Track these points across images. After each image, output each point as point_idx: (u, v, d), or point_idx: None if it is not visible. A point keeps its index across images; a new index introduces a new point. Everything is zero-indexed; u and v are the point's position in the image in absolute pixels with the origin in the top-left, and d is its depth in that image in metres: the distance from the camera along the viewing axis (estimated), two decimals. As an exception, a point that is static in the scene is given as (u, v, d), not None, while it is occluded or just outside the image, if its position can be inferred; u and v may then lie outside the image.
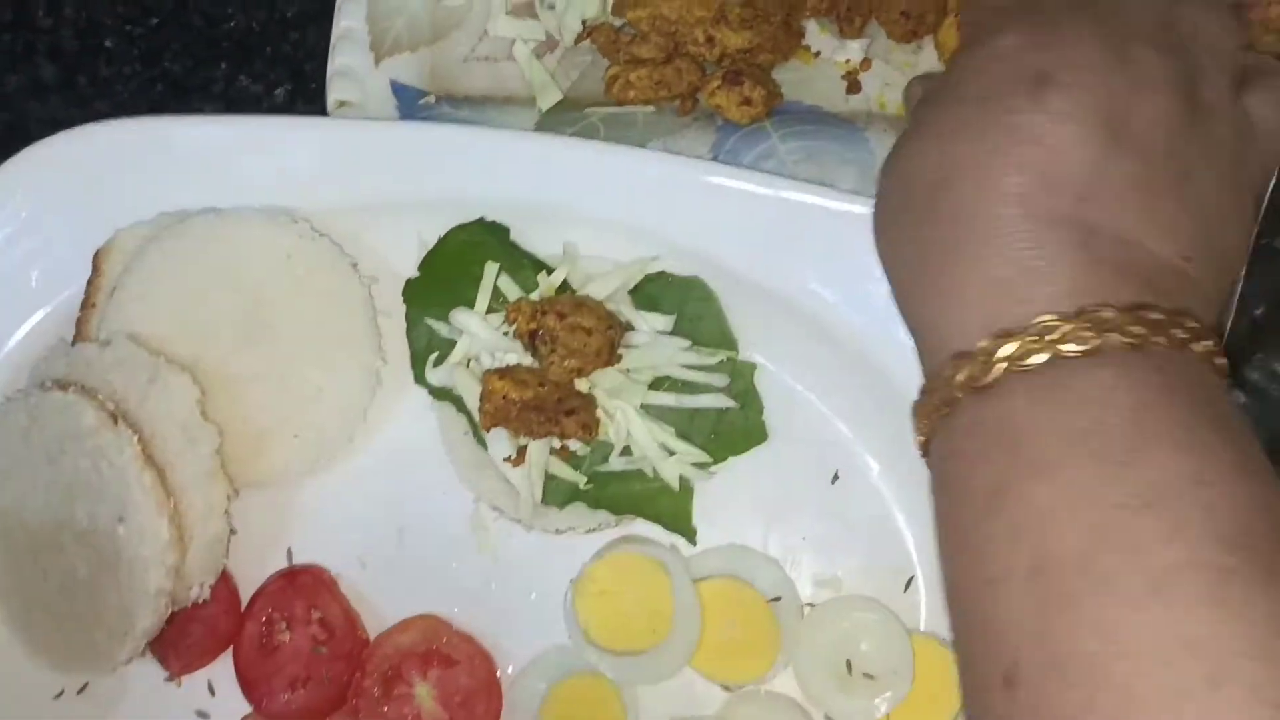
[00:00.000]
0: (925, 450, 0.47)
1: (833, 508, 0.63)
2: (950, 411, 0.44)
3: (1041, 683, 0.39)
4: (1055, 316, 0.42)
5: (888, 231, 0.50)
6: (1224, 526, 0.38)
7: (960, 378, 0.43)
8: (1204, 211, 0.46)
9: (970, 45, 0.49)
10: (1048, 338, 0.42)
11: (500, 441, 0.62)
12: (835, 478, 0.63)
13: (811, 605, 0.63)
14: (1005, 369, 0.42)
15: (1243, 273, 0.62)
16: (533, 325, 0.61)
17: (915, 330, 0.48)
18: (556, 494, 0.62)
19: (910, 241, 0.48)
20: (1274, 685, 0.36)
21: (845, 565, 0.63)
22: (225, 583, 0.64)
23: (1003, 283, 0.44)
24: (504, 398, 0.59)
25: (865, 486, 0.63)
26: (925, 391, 0.46)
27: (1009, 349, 0.42)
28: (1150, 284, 0.44)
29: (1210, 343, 0.43)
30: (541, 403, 0.59)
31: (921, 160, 0.48)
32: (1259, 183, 0.51)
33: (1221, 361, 0.44)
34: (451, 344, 0.64)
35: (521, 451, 0.62)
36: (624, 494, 0.62)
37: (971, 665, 0.42)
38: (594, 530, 0.64)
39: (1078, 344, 0.42)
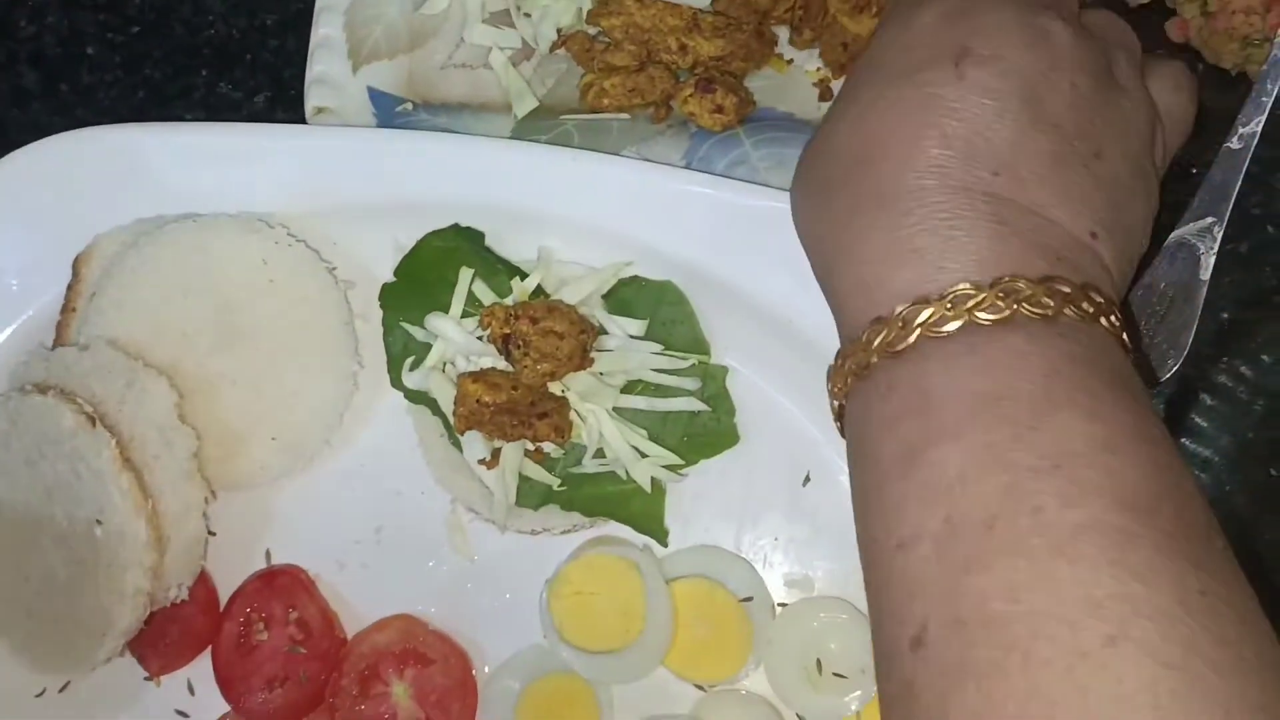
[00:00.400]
0: (839, 415, 0.48)
1: (804, 509, 0.64)
2: (865, 375, 0.45)
3: (948, 643, 0.40)
4: (970, 285, 0.43)
5: (809, 205, 0.51)
6: (1128, 491, 0.40)
7: (876, 342, 0.44)
8: (1113, 189, 0.48)
9: (890, 21, 0.51)
10: (963, 305, 0.43)
11: (475, 444, 0.63)
12: (806, 479, 0.64)
13: (783, 605, 0.63)
14: (920, 334, 0.43)
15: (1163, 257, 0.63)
16: (506, 330, 0.61)
17: (834, 300, 0.49)
18: (530, 496, 0.63)
19: (831, 214, 0.49)
20: (1168, 644, 0.37)
21: (816, 566, 0.64)
22: (203, 583, 0.65)
23: (921, 251, 0.45)
24: (478, 401, 0.60)
25: (836, 488, 0.63)
26: (841, 355, 0.47)
27: (925, 314, 0.43)
28: (1061, 258, 0.45)
29: (1115, 317, 0.45)
30: (515, 406, 0.60)
31: (843, 136, 0.49)
32: (1162, 164, 0.54)
33: (1126, 337, 0.46)
34: (427, 348, 0.64)
35: (496, 454, 0.62)
36: (597, 496, 0.63)
37: (881, 627, 0.43)
38: (569, 531, 0.64)
39: (991, 312, 0.43)
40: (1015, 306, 0.43)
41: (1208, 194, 0.65)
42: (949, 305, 0.43)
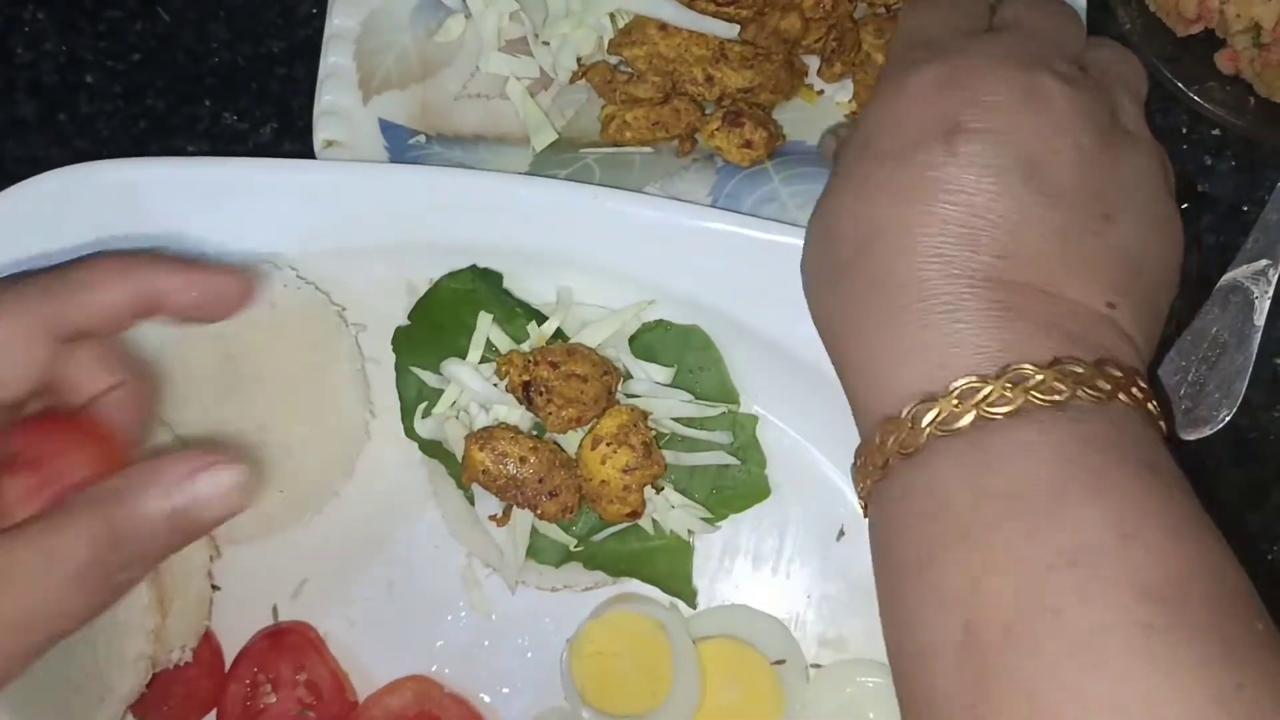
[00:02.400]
0: (866, 513, 0.47)
1: (838, 565, 0.61)
2: (884, 476, 0.44)
3: None
4: (976, 378, 0.42)
5: (815, 293, 0.50)
6: (1152, 581, 0.38)
7: (889, 443, 0.43)
8: (1128, 250, 0.46)
9: (882, 90, 0.49)
10: (970, 400, 0.42)
11: (485, 498, 0.60)
12: (840, 534, 0.61)
13: (817, 666, 0.61)
14: (929, 434, 0.42)
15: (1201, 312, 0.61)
16: (525, 377, 0.58)
17: (848, 394, 0.48)
18: (551, 552, 0.60)
19: (836, 304, 0.48)
20: None
21: (851, 625, 0.61)
22: (208, 643, 0.62)
23: (925, 347, 0.43)
24: (483, 471, 0.57)
25: (871, 543, 0.61)
26: (860, 455, 0.46)
27: (933, 414, 0.42)
28: (1073, 336, 0.43)
29: (1138, 388, 0.43)
30: (522, 483, 0.57)
31: (843, 220, 0.47)
32: (1171, 196, 0.51)
33: (1153, 405, 0.44)
34: (441, 394, 0.61)
35: (508, 511, 0.60)
36: (621, 554, 0.60)
37: None
38: (591, 589, 0.62)
39: (1000, 405, 0.41)
40: (1024, 396, 0.41)
41: (1262, 235, 0.63)
42: (956, 401, 0.42)
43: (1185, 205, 0.65)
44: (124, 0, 0.71)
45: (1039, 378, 0.41)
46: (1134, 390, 0.43)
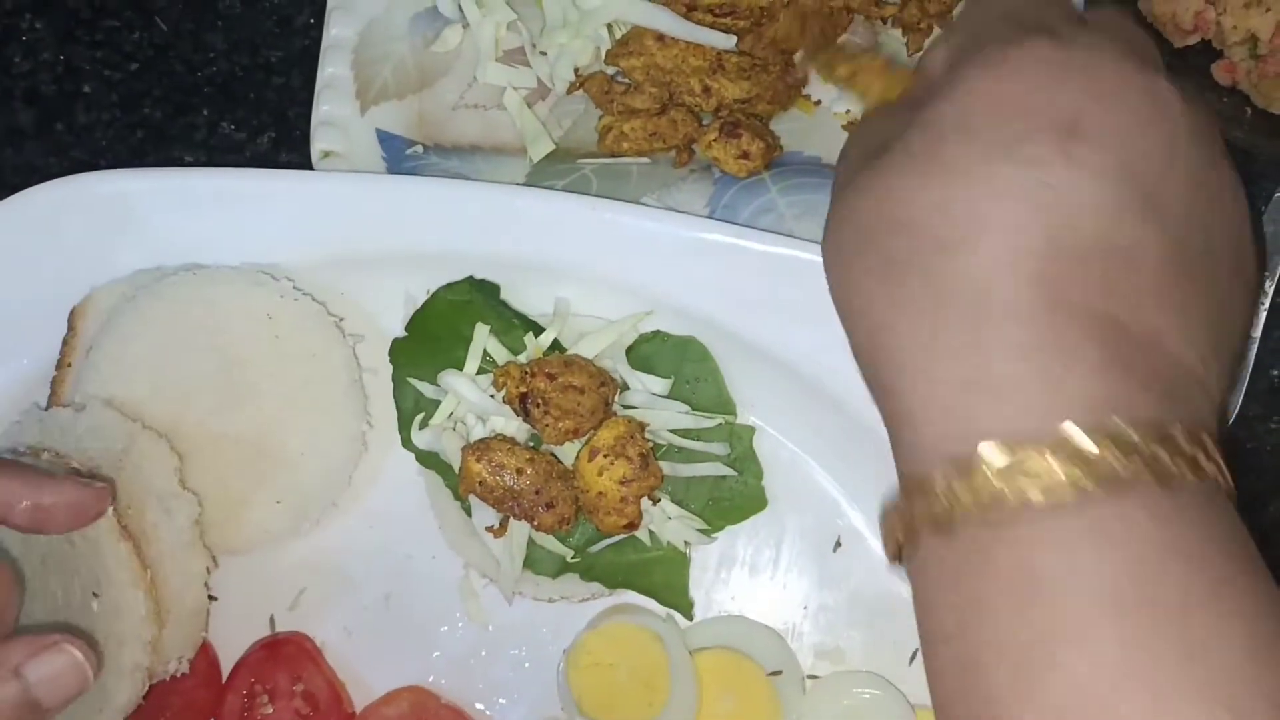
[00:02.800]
0: (897, 556, 0.40)
1: (834, 576, 0.61)
2: (946, 531, 0.37)
3: None
4: (1077, 434, 0.35)
5: (851, 275, 0.42)
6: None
7: (962, 495, 0.36)
8: (1219, 297, 0.41)
9: (975, 59, 0.41)
10: (1069, 461, 0.35)
11: (483, 510, 0.60)
12: (837, 545, 0.61)
13: (814, 678, 0.61)
14: (1017, 492, 0.35)
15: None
16: (522, 389, 0.58)
17: (890, 406, 0.40)
18: (548, 563, 0.60)
19: (894, 302, 0.40)
20: None
21: (848, 636, 0.61)
22: (205, 654, 0.62)
23: (1014, 381, 0.37)
24: (479, 483, 0.57)
25: (868, 554, 0.61)
26: (907, 493, 0.39)
27: (1024, 469, 0.35)
28: (1173, 396, 0.38)
29: (1223, 463, 0.38)
30: (519, 495, 0.57)
31: (913, 207, 0.39)
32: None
33: (1231, 484, 0.39)
34: (438, 406, 0.61)
35: (505, 522, 0.59)
36: (617, 564, 0.60)
37: None
38: (588, 599, 0.62)
39: (1102, 474, 0.35)
40: (1130, 465, 0.35)
41: (1258, 247, 0.62)
42: (1052, 457, 0.35)
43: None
44: (121, 10, 0.71)
45: (1146, 449, 0.35)
46: (1223, 469, 0.38)
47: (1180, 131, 0.39)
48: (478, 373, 0.61)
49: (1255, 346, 0.62)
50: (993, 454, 0.36)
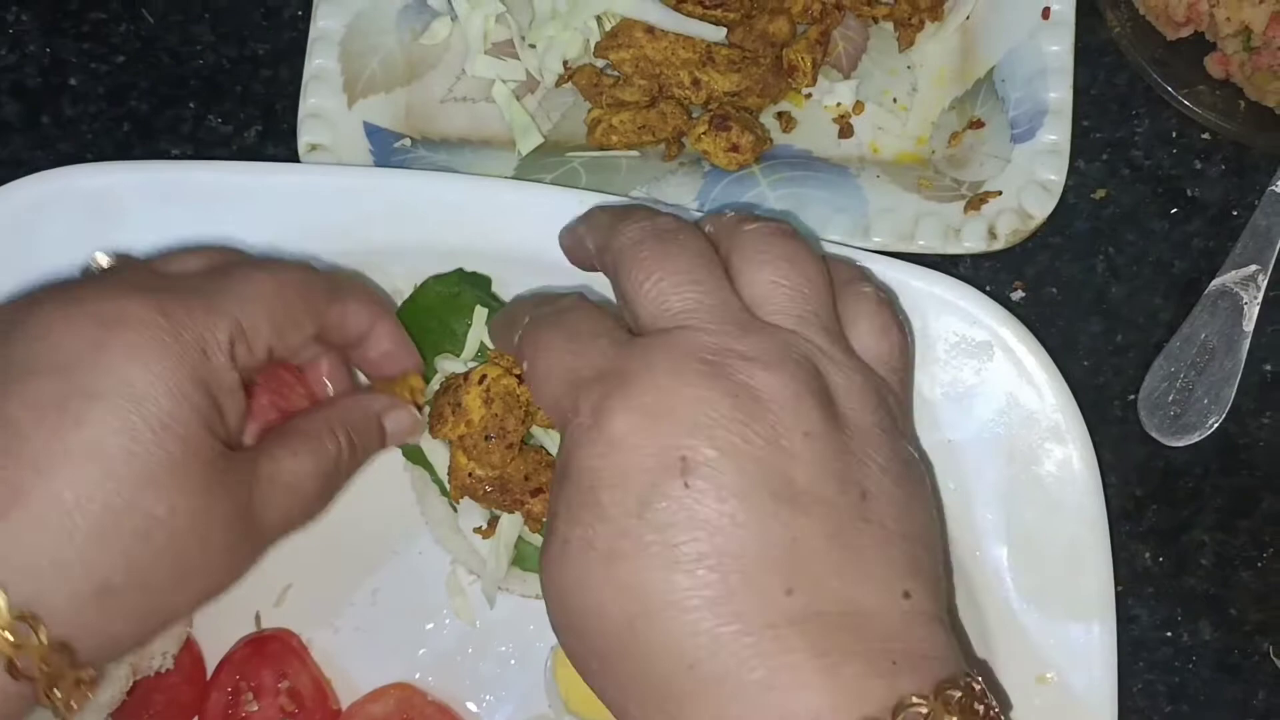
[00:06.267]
0: None
1: (824, 572, 0.61)
2: None
3: None
4: None
5: (594, 681, 0.44)
6: None
7: None
8: (898, 520, 0.43)
9: (583, 440, 0.43)
10: None
11: (471, 511, 0.59)
12: (826, 540, 0.61)
13: (801, 674, 0.60)
14: None
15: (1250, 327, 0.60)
16: (516, 373, 0.58)
17: None
18: (536, 559, 0.60)
19: (618, 695, 0.43)
20: None
21: (837, 632, 0.60)
22: (189, 650, 0.61)
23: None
24: (469, 475, 0.57)
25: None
26: None
27: None
28: (899, 660, 0.40)
29: (981, 702, 0.40)
30: (507, 482, 0.57)
31: (595, 599, 0.41)
32: (904, 407, 0.49)
33: (993, 705, 0.40)
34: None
35: (494, 522, 0.59)
36: (606, 561, 0.60)
37: None
38: (575, 595, 0.61)
39: None
40: None
41: (1251, 240, 0.62)
42: None
43: (1174, 210, 0.64)
44: (108, 2, 0.71)
45: None
46: (976, 705, 0.40)
47: (782, 413, 0.42)
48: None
49: (1248, 341, 0.61)
50: None
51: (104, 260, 0.55)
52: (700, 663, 0.39)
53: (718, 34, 0.64)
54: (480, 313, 0.60)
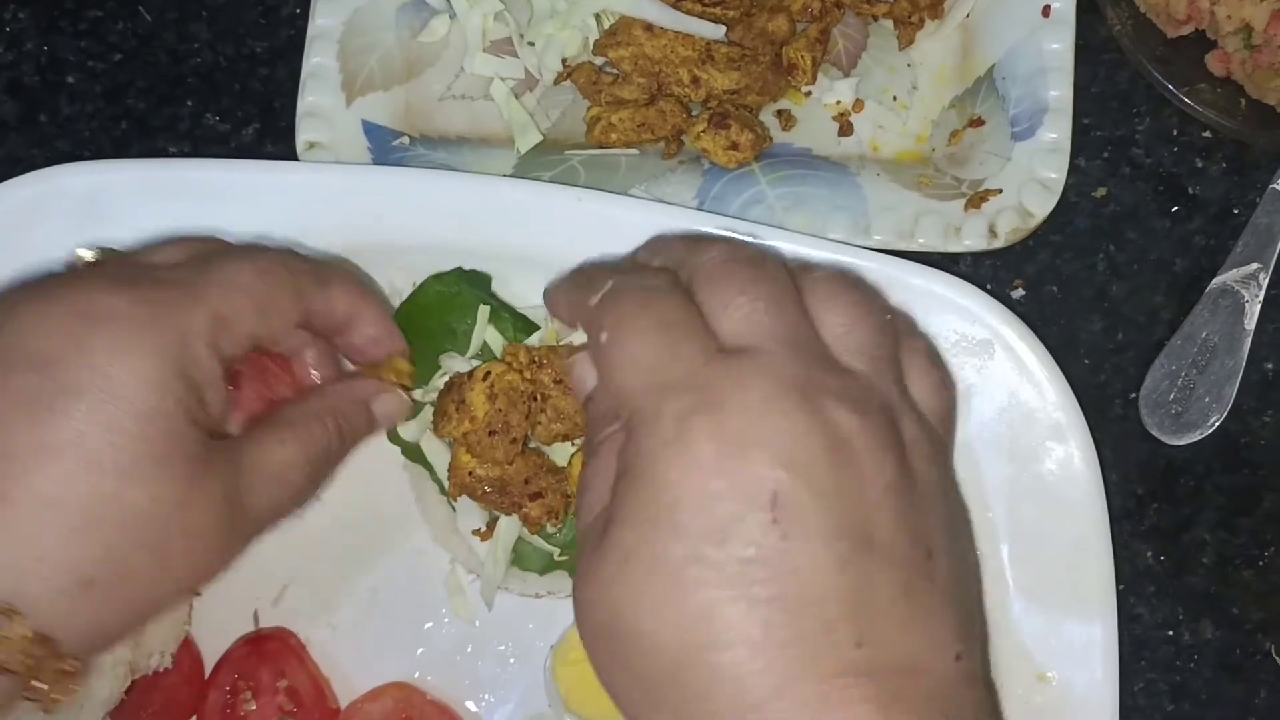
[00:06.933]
0: None
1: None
2: None
3: None
4: None
5: (618, 689, 0.43)
6: None
7: None
8: (955, 581, 0.43)
9: (661, 454, 0.41)
10: None
11: (469, 512, 0.59)
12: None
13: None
14: None
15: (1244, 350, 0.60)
16: (526, 376, 0.58)
17: None
18: (535, 559, 0.60)
19: (655, 712, 0.41)
20: None
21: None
22: (187, 649, 0.61)
23: None
24: (470, 473, 0.57)
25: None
26: None
27: None
28: (945, 710, 0.40)
29: None
30: (507, 484, 0.57)
31: (649, 620, 0.40)
32: (953, 480, 0.49)
33: None
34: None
35: (492, 524, 0.59)
36: (605, 560, 0.59)
37: None
38: (574, 595, 0.61)
39: None
40: None
41: (1252, 238, 0.62)
42: None
43: (1175, 208, 0.64)
44: (105, 0, 0.71)
45: None
46: None
47: (870, 461, 0.41)
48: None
49: (1249, 339, 0.61)
50: None
51: (87, 255, 0.55)
52: (764, 704, 0.39)
53: (717, 32, 0.64)
54: (483, 311, 0.60)
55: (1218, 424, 0.61)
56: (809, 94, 0.66)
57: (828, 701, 0.38)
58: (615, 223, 0.59)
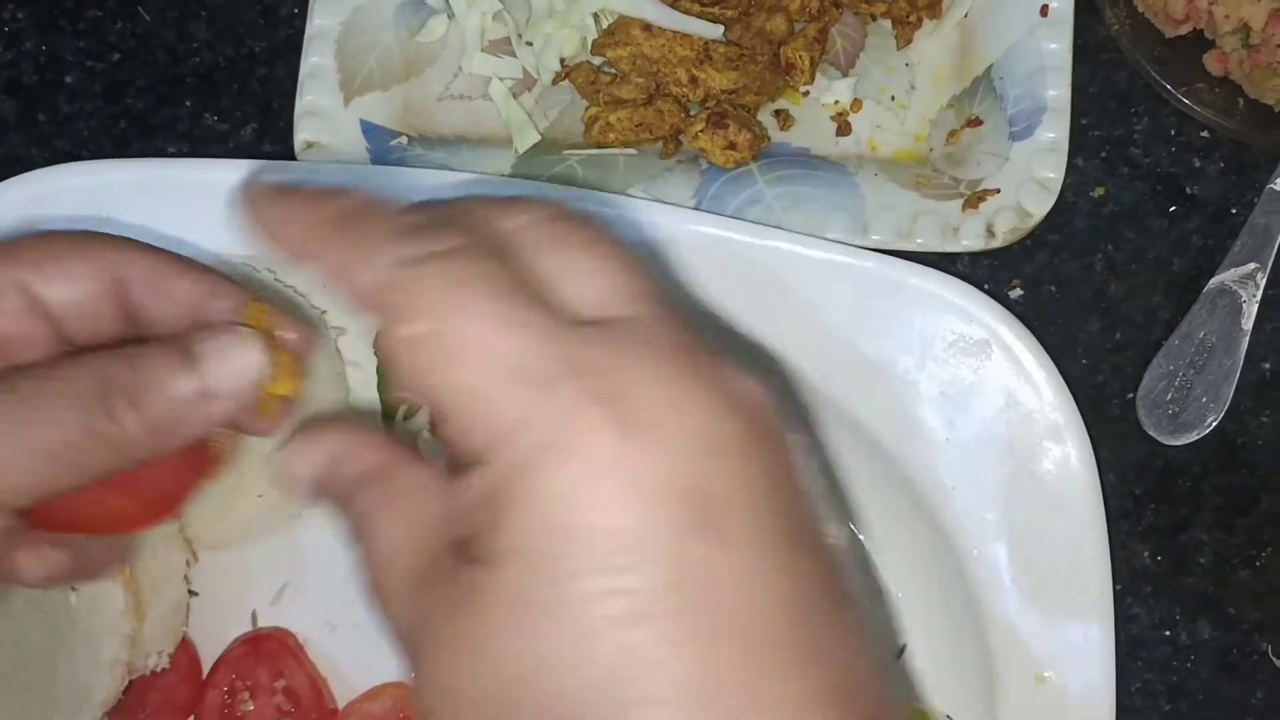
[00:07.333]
0: None
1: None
2: None
3: None
4: None
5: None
6: None
7: None
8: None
9: (521, 452, 0.32)
10: None
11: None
12: (824, 539, 0.61)
13: (799, 673, 0.60)
14: None
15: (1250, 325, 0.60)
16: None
17: None
18: (532, 559, 0.60)
19: None
20: None
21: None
22: (185, 649, 0.61)
23: None
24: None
25: (854, 549, 0.60)
26: None
27: None
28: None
29: None
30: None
31: (578, 675, 0.31)
32: None
33: None
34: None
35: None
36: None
37: None
38: (572, 594, 0.61)
39: None
40: None
41: (1250, 238, 0.62)
42: None
43: (1173, 208, 0.64)
44: (104, 0, 0.71)
45: None
46: None
47: (777, 435, 0.34)
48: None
49: (1247, 339, 0.61)
50: None
51: None
52: None
53: (715, 31, 0.64)
54: None
55: (1215, 424, 0.61)
56: (807, 94, 0.66)
57: None
58: (614, 222, 0.59)
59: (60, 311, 0.45)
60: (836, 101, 0.66)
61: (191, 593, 0.61)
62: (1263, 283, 0.61)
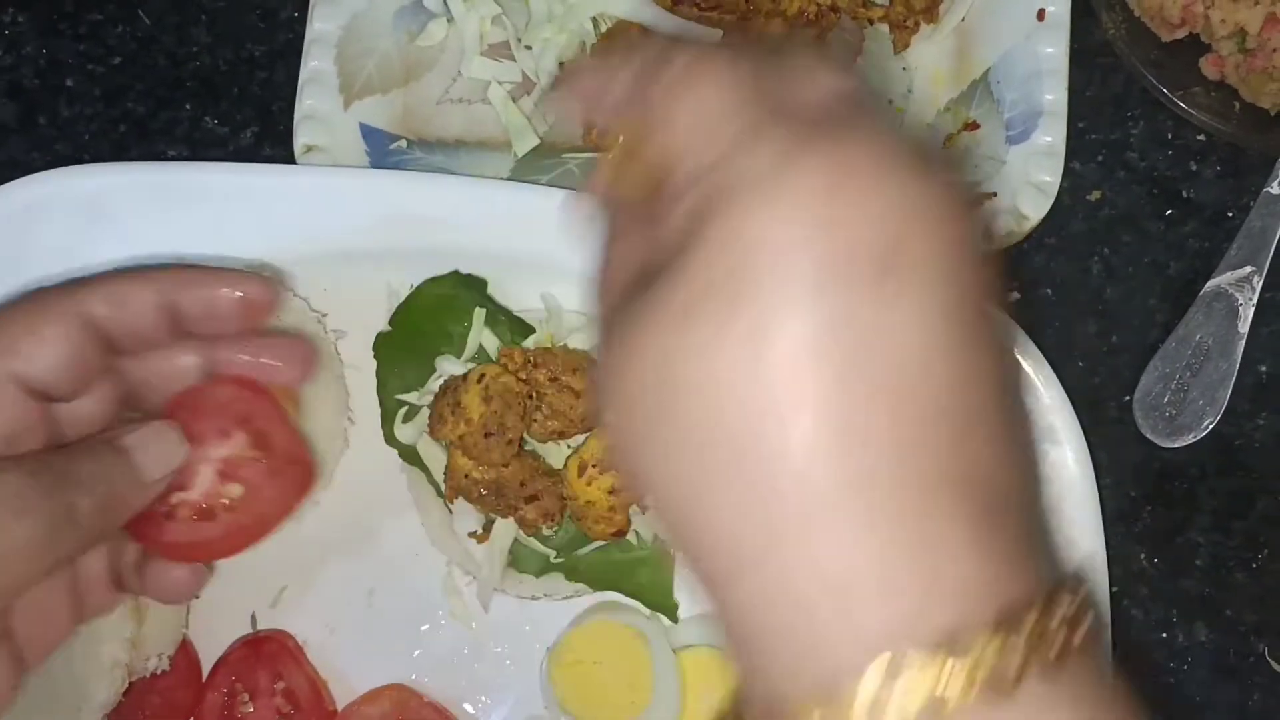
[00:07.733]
0: None
1: (819, 573, 0.61)
2: None
3: None
4: (977, 632, 0.30)
5: (647, 465, 0.33)
6: None
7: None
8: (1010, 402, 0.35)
9: (739, 178, 0.32)
10: (972, 665, 0.30)
11: (466, 515, 0.59)
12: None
13: (797, 675, 0.60)
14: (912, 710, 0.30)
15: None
16: (523, 376, 0.58)
17: (725, 614, 0.34)
18: (531, 562, 0.60)
19: (698, 491, 0.32)
20: None
21: (832, 634, 0.60)
22: (185, 652, 0.61)
23: (890, 578, 0.30)
24: (466, 476, 0.57)
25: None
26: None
27: (918, 682, 0.30)
28: (1034, 550, 0.33)
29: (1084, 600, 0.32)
30: (503, 487, 0.57)
31: (721, 385, 0.31)
32: None
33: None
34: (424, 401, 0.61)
35: (489, 527, 0.59)
36: (602, 564, 0.60)
37: None
38: (571, 597, 0.61)
39: (1008, 672, 0.30)
40: (1038, 656, 0.30)
41: (1246, 241, 0.62)
42: (950, 663, 0.29)
43: (1170, 211, 0.64)
44: (104, 4, 0.71)
45: (1044, 624, 0.30)
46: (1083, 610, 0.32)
47: (960, 223, 0.34)
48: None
49: (1243, 342, 0.61)
50: (870, 682, 0.30)
51: None
52: (835, 504, 0.31)
53: (713, 36, 0.64)
54: (479, 314, 0.60)
55: (1211, 427, 0.61)
56: (805, 97, 0.66)
57: (926, 514, 0.31)
58: (612, 226, 0.60)
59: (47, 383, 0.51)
60: (834, 105, 0.66)
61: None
62: (1259, 286, 0.62)
